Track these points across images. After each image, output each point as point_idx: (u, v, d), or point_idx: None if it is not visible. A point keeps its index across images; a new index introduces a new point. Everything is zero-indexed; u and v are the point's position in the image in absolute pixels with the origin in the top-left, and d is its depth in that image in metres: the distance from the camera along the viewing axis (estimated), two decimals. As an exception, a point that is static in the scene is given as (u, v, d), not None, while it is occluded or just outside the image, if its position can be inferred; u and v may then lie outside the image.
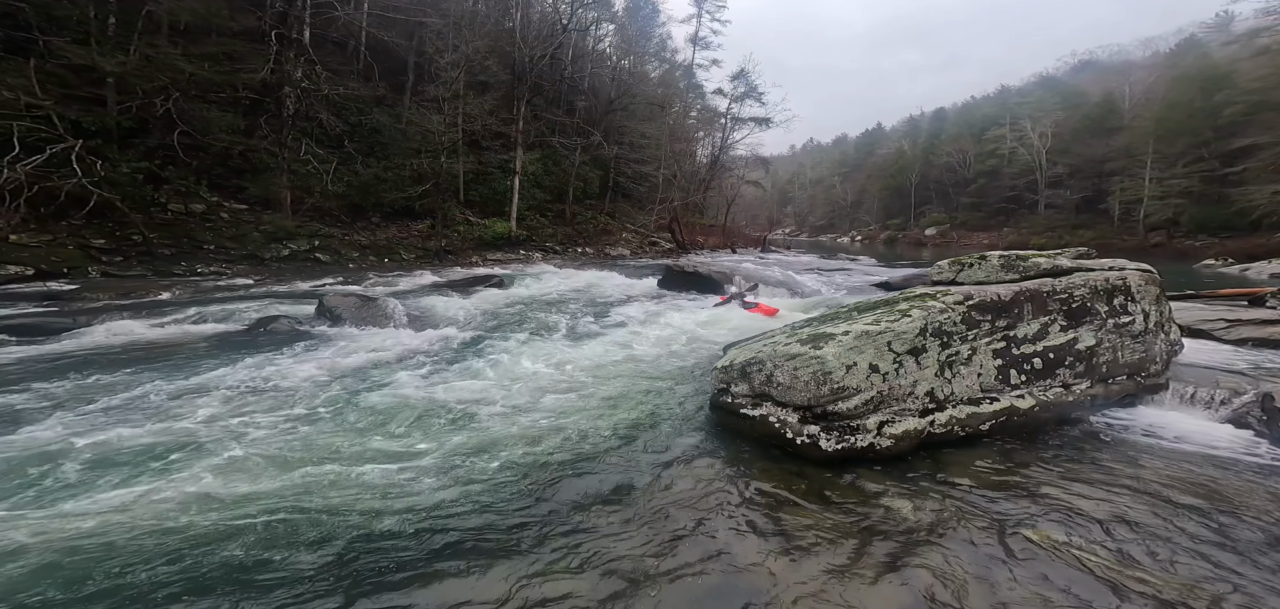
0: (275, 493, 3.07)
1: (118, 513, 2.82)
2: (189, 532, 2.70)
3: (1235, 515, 3.12)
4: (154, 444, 3.63)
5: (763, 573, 2.53)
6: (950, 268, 5.70)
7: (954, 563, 2.62)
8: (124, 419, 4.01)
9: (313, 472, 3.33)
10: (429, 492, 3.18)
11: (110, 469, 3.27)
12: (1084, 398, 4.51)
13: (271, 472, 3.33)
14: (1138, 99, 38.16)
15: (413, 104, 19.14)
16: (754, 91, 31.16)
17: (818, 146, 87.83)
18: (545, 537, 2.84)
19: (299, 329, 6.92)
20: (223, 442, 3.70)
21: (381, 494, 3.12)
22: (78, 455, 3.41)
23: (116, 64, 11.27)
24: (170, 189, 12.39)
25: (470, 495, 3.15)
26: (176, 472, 3.28)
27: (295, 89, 14.42)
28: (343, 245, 14.52)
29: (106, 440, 3.64)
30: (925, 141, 57.76)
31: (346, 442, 3.78)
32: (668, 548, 2.78)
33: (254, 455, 3.54)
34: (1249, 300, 9.06)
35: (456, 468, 3.45)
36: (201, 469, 3.32)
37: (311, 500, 3.02)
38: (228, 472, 3.31)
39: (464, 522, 2.91)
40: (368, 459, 3.53)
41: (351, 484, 3.20)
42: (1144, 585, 2.50)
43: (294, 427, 3.98)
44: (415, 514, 2.95)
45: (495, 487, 3.25)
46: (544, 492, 3.25)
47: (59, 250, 9.98)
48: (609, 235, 23.31)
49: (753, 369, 4.05)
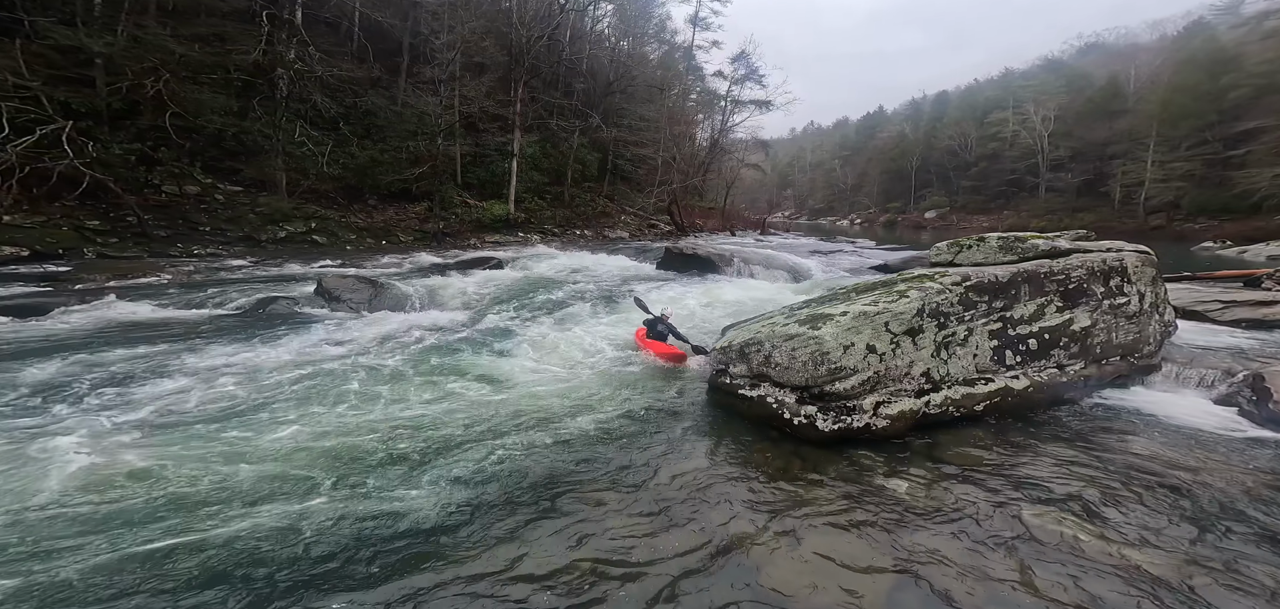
0: (270, 470, 3.11)
1: (111, 489, 2.86)
2: (196, 504, 2.74)
3: (1222, 494, 3.18)
4: (152, 423, 3.66)
5: (760, 551, 2.58)
6: (949, 249, 5.70)
7: (947, 542, 2.68)
8: (119, 399, 4.03)
9: (311, 446, 3.37)
10: (434, 470, 3.22)
11: (105, 448, 3.30)
12: (1078, 379, 4.56)
13: (265, 448, 3.36)
14: (1143, 82, 37.82)
15: (408, 86, 18.85)
16: (754, 74, 30.75)
17: (818, 130, 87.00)
18: (547, 513, 2.89)
19: (298, 310, 6.92)
20: (221, 418, 3.73)
21: (388, 468, 3.16)
22: (67, 434, 3.44)
23: (104, 45, 11.07)
24: (164, 171, 12.27)
25: (473, 473, 3.19)
26: (174, 447, 3.31)
27: (288, 70, 14.17)
28: (340, 228, 14.44)
29: (99, 421, 3.67)
30: (927, 125, 57.27)
31: (346, 419, 3.81)
32: (667, 525, 2.83)
33: (251, 432, 3.57)
34: (1244, 282, 9.11)
35: (459, 445, 3.49)
36: (198, 444, 3.35)
37: (315, 474, 3.06)
38: (224, 447, 3.35)
39: (467, 496, 2.96)
40: (369, 435, 3.56)
41: (355, 460, 3.24)
42: (1131, 562, 2.56)
43: (293, 404, 4.00)
44: (421, 489, 2.99)
45: (495, 464, 3.29)
46: (545, 468, 3.30)
47: (54, 231, 9.93)
48: (608, 218, 23.20)
49: (751, 350, 4.08)
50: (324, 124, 15.46)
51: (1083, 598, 2.30)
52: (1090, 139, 38.41)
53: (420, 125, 17.48)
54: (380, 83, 18.42)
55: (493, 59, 20.56)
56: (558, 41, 23.78)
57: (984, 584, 2.37)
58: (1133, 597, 2.32)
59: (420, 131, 17.37)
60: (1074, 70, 47.87)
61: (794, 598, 2.28)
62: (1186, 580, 2.43)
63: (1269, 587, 2.43)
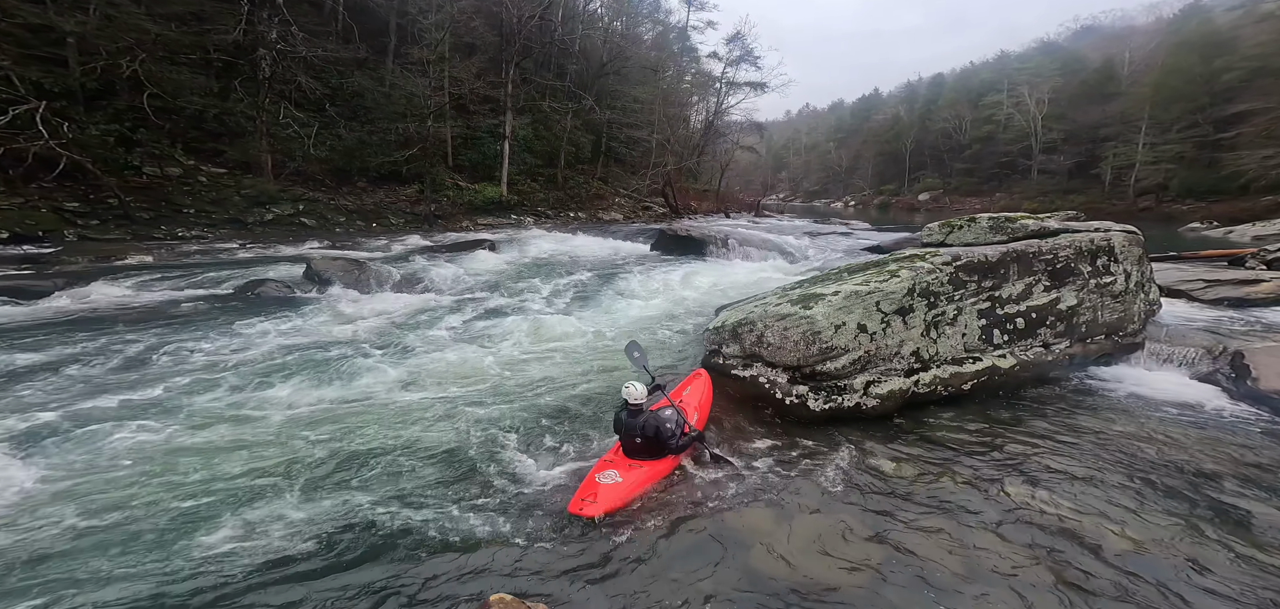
0: (262, 452, 3.10)
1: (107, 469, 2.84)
2: (180, 484, 2.73)
3: (1201, 470, 3.26)
4: (136, 404, 3.63)
5: (751, 530, 2.62)
6: (940, 230, 5.72)
7: (935, 519, 2.73)
8: (105, 383, 3.98)
9: (305, 429, 3.36)
10: (422, 451, 3.22)
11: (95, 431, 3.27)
12: (1063, 357, 4.63)
13: (258, 429, 3.35)
14: (1137, 65, 37.83)
15: (396, 67, 18.38)
16: (749, 55, 30.33)
17: (813, 112, 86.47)
18: (540, 495, 2.91)
19: (287, 293, 6.84)
20: (208, 400, 3.70)
21: (380, 450, 3.16)
22: (55, 417, 3.40)
23: (76, 23, 10.70)
24: (144, 152, 11.94)
25: (466, 453, 3.20)
26: (161, 429, 3.28)
27: (270, 50, 13.76)
28: (328, 210, 14.20)
29: (84, 404, 3.63)
30: (922, 108, 57.02)
31: (340, 400, 3.80)
32: (661, 505, 2.86)
33: (240, 414, 3.55)
34: (1229, 261, 9.24)
35: (453, 425, 3.49)
36: (188, 426, 3.33)
37: (309, 452, 3.05)
38: (215, 428, 3.33)
39: (462, 475, 2.97)
40: (362, 415, 3.55)
41: (346, 441, 3.24)
42: (1112, 536, 2.63)
43: (283, 386, 3.98)
44: (410, 471, 3.00)
45: (488, 441, 3.30)
46: (537, 449, 3.31)
47: (33, 213, 9.69)
48: (602, 200, 23.00)
49: (744, 330, 4.09)
50: (309, 105, 15.08)
51: (1067, 572, 2.36)
52: (1083, 122, 38.51)
53: (409, 107, 17.11)
54: (367, 64, 17.93)
55: (483, 39, 20.09)
56: (550, 21, 23.19)
57: (971, 560, 2.43)
58: (1114, 570, 2.39)
59: (409, 113, 17.00)
60: (1069, 53, 47.76)
61: (785, 576, 2.33)
62: (1166, 553, 2.50)
63: (1243, 556, 2.51)
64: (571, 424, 3.64)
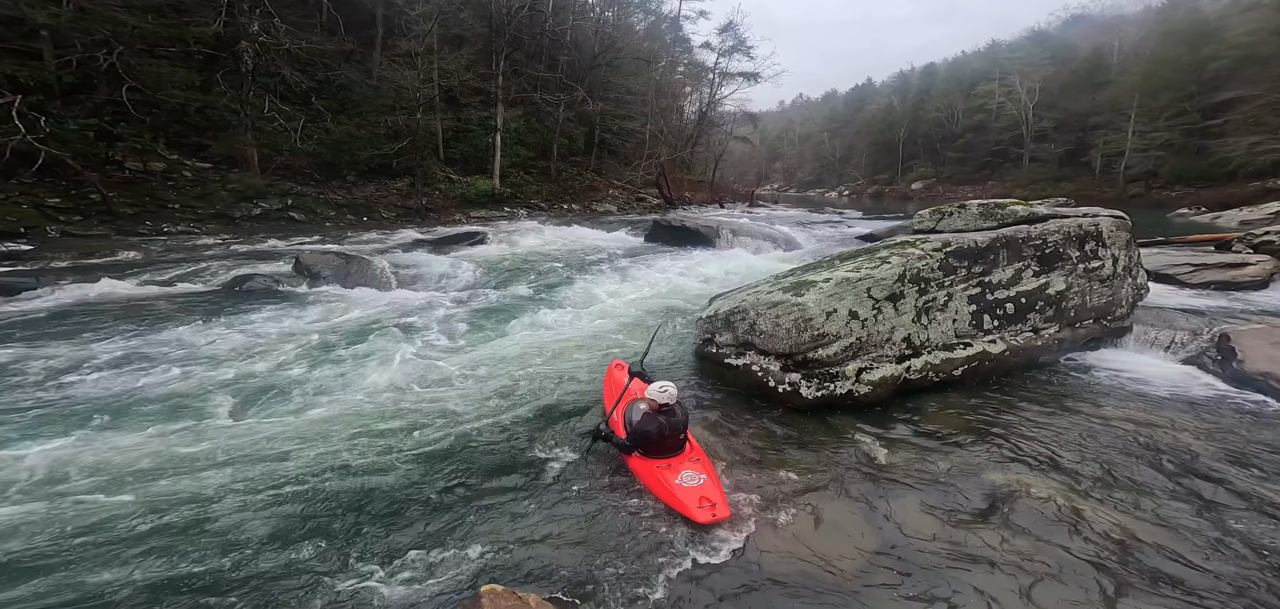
0: (249, 447, 3.06)
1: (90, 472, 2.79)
2: (168, 488, 2.69)
3: (1187, 452, 3.30)
4: (119, 401, 3.57)
5: (744, 519, 2.62)
6: (931, 216, 5.74)
7: (927, 505, 2.74)
8: (86, 380, 3.91)
9: (293, 423, 3.32)
10: (419, 445, 3.19)
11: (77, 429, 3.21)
12: (1052, 342, 4.67)
13: (245, 424, 3.30)
14: (1127, 54, 38.11)
15: (384, 59, 18.09)
16: (742, 45, 30.17)
17: (807, 102, 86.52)
18: (536, 482, 2.90)
19: (277, 288, 6.74)
20: (192, 397, 3.64)
21: (369, 443, 3.13)
22: (34, 416, 3.34)
23: (49, 16, 10.40)
24: (125, 147, 11.70)
25: (462, 446, 3.18)
26: (144, 426, 3.23)
27: (252, 43, 13.48)
28: (318, 204, 14.00)
29: (64, 402, 3.56)
30: (915, 97, 57.13)
31: (330, 394, 3.76)
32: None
33: (225, 410, 3.50)
34: (1216, 246, 9.35)
35: (443, 417, 3.46)
36: (177, 425, 3.28)
37: (297, 447, 3.01)
38: (203, 427, 3.28)
39: (458, 469, 2.95)
40: (352, 408, 3.52)
41: (335, 434, 3.20)
42: (1100, 519, 2.66)
43: (271, 380, 3.93)
44: (405, 465, 2.97)
45: (478, 432, 3.28)
46: (533, 438, 3.29)
47: (12, 209, 9.47)
48: (596, 192, 22.87)
49: (736, 318, 4.08)
50: (295, 99, 14.81)
51: (1055, 555, 2.39)
52: (1074, 110, 38.80)
53: (398, 99, 16.86)
54: (353, 56, 17.63)
55: (472, 31, 19.81)
56: (540, 12, 22.91)
57: (962, 545, 2.44)
58: (1102, 552, 2.42)
59: (398, 106, 16.76)
60: (1060, 42, 48.04)
61: (777, 564, 2.33)
62: (1152, 535, 2.53)
63: (1227, 537, 2.54)
64: (561, 415, 3.62)
